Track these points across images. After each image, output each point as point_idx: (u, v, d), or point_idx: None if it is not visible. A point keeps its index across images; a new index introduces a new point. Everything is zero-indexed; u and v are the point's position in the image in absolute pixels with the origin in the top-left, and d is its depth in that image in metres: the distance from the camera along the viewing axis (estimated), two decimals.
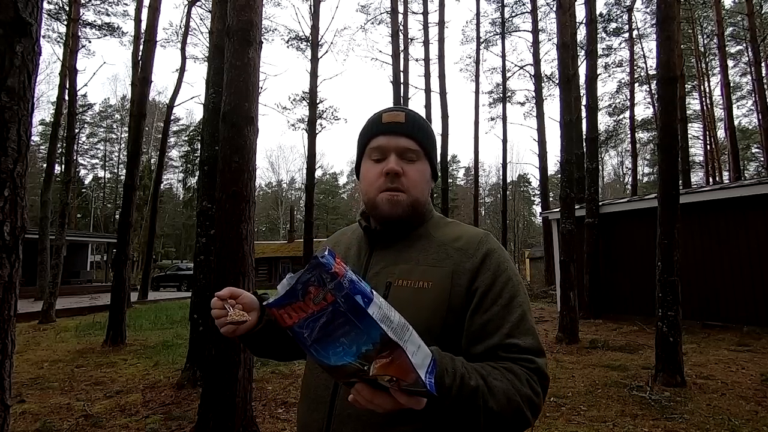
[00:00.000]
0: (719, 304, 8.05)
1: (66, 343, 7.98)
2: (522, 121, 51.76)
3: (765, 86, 18.02)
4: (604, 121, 28.07)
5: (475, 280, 0.83)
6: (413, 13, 20.19)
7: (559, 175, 10.04)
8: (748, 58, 22.82)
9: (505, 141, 21.48)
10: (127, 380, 5.47)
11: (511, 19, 22.93)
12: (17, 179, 1.58)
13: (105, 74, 76.26)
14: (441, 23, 19.07)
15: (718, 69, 21.78)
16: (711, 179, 26.91)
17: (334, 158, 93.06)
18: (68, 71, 11.96)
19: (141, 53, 10.67)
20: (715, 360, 5.83)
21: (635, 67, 23.17)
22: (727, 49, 22.17)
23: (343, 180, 57.03)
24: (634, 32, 22.22)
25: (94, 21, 19.93)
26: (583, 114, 12.26)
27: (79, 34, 14.41)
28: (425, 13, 19.61)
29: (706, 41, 25.80)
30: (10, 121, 1.55)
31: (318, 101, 16.61)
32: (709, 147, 27.38)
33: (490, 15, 25.22)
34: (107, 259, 28.14)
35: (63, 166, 15.71)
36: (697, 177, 31.25)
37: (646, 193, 14.95)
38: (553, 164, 31.01)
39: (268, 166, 55.05)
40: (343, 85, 79.05)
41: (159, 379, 5.46)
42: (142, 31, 11.43)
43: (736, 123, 22.54)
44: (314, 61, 15.81)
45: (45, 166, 18.89)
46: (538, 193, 29.91)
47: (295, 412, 4.09)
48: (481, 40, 22.69)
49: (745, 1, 18.22)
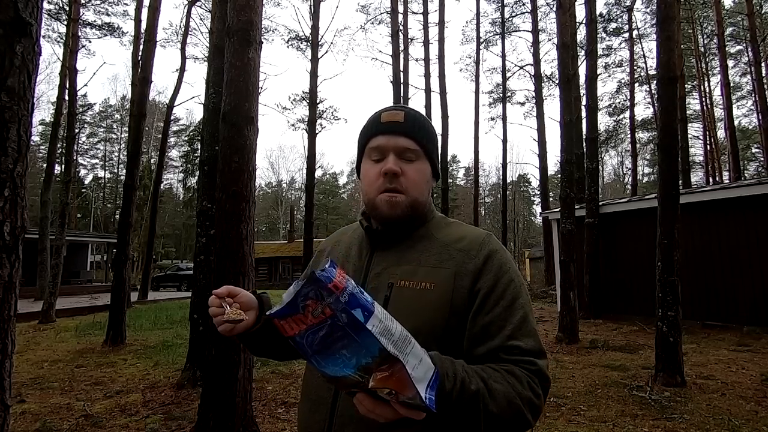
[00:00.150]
0: (719, 304, 8.05)
1: (66, 343, 7.98)
2: (522, 121, 51.84)
3: (765, 86, 18.02)
4: (604, 121, 28.13)
5: (478, 282, 0.83)
6: (413, 13, 20.21)
7: (559, 175, 10.04)
8: (748, 58, 22.85)
9: (505, 141, 21.49)
10: (127, 380, 5.47)
11: (511, 19, 22.94)
12: (17, 179, 1.58)
13: (105, 74, 76.39)
14: (441, 23, 19.08)
15: (718, 69, 21.80)
16: (711, 179, 26.92)
17: (334, 158, 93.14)
18: (68, 71, 11.96)
19: (141, 53, 10.66)
20: (715, 360, 5.83)
21: (635, 67, 23.18)
22: (727, 49, 22.19)
23: (343, 180, 57.10)
24: (634, 32, 22.24)
25: (94, 21, 19.96)
26: (583, 114, 12.26)
27: (79, 34, 14.41)
28: (425, 13, 19.62)
29: (706, 41, 25.80)
30: (10, 121, 1.56)
31: (318, 101, 16.62)
32: (709, 147, 27.39)
33: (490, 15, 25.25)
34: (107, 259, 28.14)
35: (63, 166, 15.71)
36: (697, 177, 31.29)
37: (646, 193, 14.95)
38: (553, 164, 31.09)
39: (268, 166, 55.17)
40: (343, 85, 79.18)
41: (159, 379, 5.46)
42: (142, 31, 11.43)
43: (736, 123, 22.56)
44: (314, 61, 15.82)
45: (45, 166, 18.88)
46: (538, 193, 29.92)
47: (295, 412, 4.10)
48: (481, 40, 22.70)
49: (745, 1, 18.22)
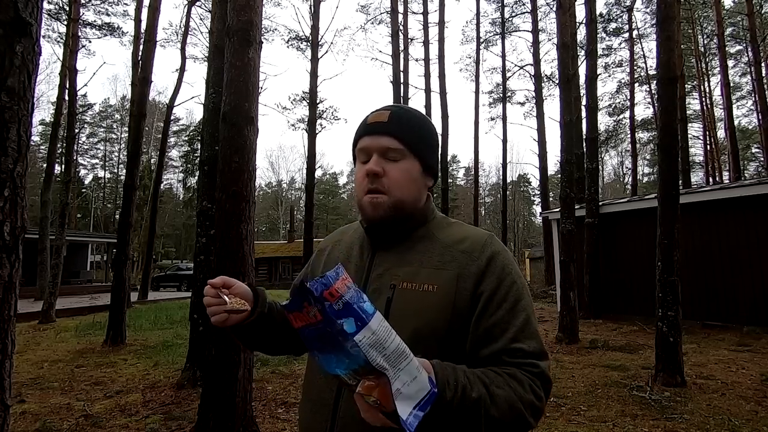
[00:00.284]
0: (719, 304, 8.05)
1: (66, 343, 7.98)
2: (522, 121, 51.73)
3: (765, 86, 18.03)
4: (604, 121, 28.12)
5: (480, 284, 0.83)
6: (413, 13, 20.21)
7: (559, 175, 10.04)
8: (748, 58, 22.83)
9: (505, 141, 21.49)
10: (127, 380, 5.47)
11: (511, 19, 22.94)
12: (17, 179, 1.58)
13: (105, 74, 76.47)
14: (441, 23, 19.07)
15: (718, 69, 21.81)
16: (711, 179, 26.92)
17: (334, 158, 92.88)
18: (68, 71, 11.96)
19: (141, 53, 10.67)
20: (715, 360, 5.83)
21: (635, 67, 23.19)
22: (727, 49, 22.18)
23: (343, 180, 57.10)
24: (634, 32, 22.25)
25: (94, 21, 19.97)
26: (583, 114, 12.25)
27: (79, 34, 14.41)
28: (425, 13, 19.62)
29: (706, 41, 25.80)
30: (10, 121, 1.56)
31: (318, 101, 16.62)
32: (709, 147, 27.39)
33: (490, 15, 25.23)
34: (107, 259, 28.14)
35: (63, 166, 15.71)
36: (697, 177, 31.29)
37: (646, 193, 14.95)
38: (553, 164, 31.09)
39: (268, 166, 55.18)
40: (343, 85, 79.16)
41: (159, 379, 5.46)
42: (142, 31, 11.43)
43: (736, 123, 22.56)
44: (314, 61, 15.82)
45: (45, 166, 18.89)
46: (538, 193, 29.93)
47: (295, 412, 4.10)
48: (481, 40, 22.70)
49: (745, 1, 18.22)
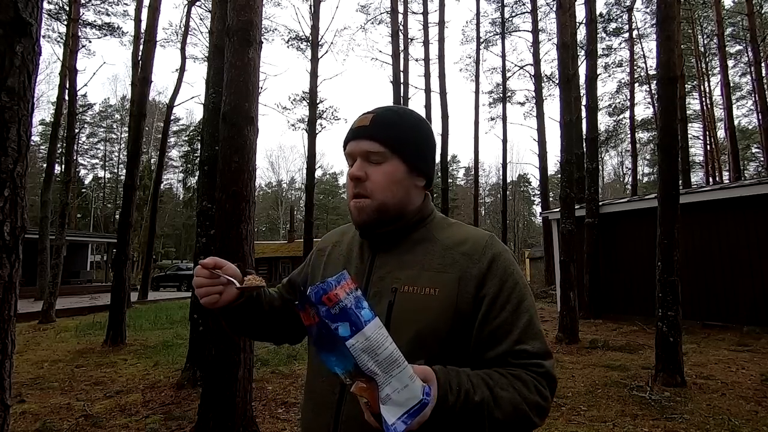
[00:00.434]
0: (719, 304, 8.05)
1: (66, 343, 7.98)
2: (522, 121, 51.62)
3: (765, 86, 18.02)
4: (604, 121, 28.12)
5: (483, 287, 0.83)
6: (413, 13, 20.21)
7: (559, 175, 10.04)
8: (748, 58, 22.82)
9: (505, 141, 21.48)
10: (127, 380, 5.47)
11: (511, 19, 22.94)
12: (17, 179, 1.58)
13: (105, 74, 76.28)
14: (441, 23, 19.07)
15: (718, 69, 21.80)
16: (711, 179, 26.92)
17: (334, 158, 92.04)
18: (68, 71, 11.96)
19: (141, 53, 10.67)
20: (715, 360, 5.83)
21: (635, 67, 23.19)
22: (727, 49, 22.17)
23: (343, 180, 56.81)
24: (634, 32, 22.25)
25: (94, 21, 19.98)
26: (583, 114, 12.25)
27: (79, 34, 14.42)
28: (425, 13, 19.62)
29: (706, 41, 25.80)
30: (10, 121, 1.56)
31: (318, 101, 16.62)
32: (709, 147, 27.39)
33: (490, 15, 25.22)
34: (107, 259, 28.14)
35: (63, 166, 15.72)
36: (697, 177, 31.28)
37: (646, 193, 14.95)
38: (553, 164, 31.05)
39: (268, 166, 55.14)
40: (343, 85, 79.00)
41: (159, 379, 5.46)
42: (142, 31, 11.44)
43: (736, 123, 22.56)
44: (314, 61, 15.82)
45: (45, 166, 18.90)
46: (538, 193, 29.93)
47: (295, 412, 4.11)
48: (481, 40, 22.70)
49: (745, 1, 18.22)
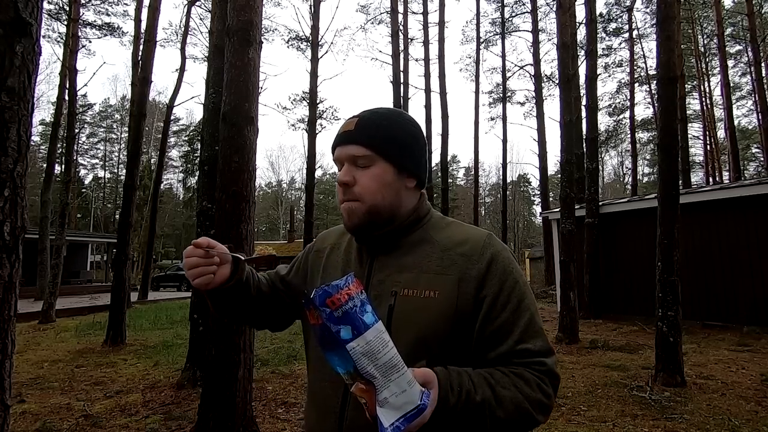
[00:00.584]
0: (719, 304, 8.05)
1: (66, 343, 7.98)
2: (522, 121, 51.73)
3: (765, 86, 18.03)
4: (604, 121, 28.13)
5: (483, 288, 0.83)
6: (413, 13, 20.23)
7: (559, 175, 10.04)
8: (748, 58, 22.83)
9: (505, 141, 21.48)
10: (127, 380, 5.47)
11: (511, 19, 22.94)
12: (17, 179, 1.58)
13: (105, 74, 76.35)
14: (441, 23, 19.08)
15: (718, 69, 21.81)
16: (711, 179, 26.92)
17: None
18: (68, 71, 11.96)
19: (141, 53, 10.66)
20: (715, 360, 5.83)
21: (635, 67, 23.19)
22: (727, 49, 22.18)
23: None
24: (634, 32, 22.25)
25: (94, 21, 19.99)
26: (583, 114, 12.25)
27: (79, 34, 14.43)
28: (425, 13, 19.63)
29: (706, 41, 25.80)
30: (10, 121, 1.56)
31: (318, 101, 16.64)
32: (709, 147, 27.40)
33: (490, 15, 25.24)
34: (107, 259, 28.13)
35: (63, 166, 15.73)
36: (697, 177, 31.29)
37: (646, 193, 14.95)
38: (553, 164, 31.10)
39: (268, 166, 55.18)
40: (343, 85, 79.16)
41: (159, 379, 5.46)
42: (142, 31, 11.43)
43: (736, 123, 22.57)
44: (314, 61, 15.83)
45: (45, 166, 18.89)
46: (538, 193, 29.93)
47: (295, 412, 4.11)
48: (481, 40, 22.70)
49: (745, 1, 18.22)
